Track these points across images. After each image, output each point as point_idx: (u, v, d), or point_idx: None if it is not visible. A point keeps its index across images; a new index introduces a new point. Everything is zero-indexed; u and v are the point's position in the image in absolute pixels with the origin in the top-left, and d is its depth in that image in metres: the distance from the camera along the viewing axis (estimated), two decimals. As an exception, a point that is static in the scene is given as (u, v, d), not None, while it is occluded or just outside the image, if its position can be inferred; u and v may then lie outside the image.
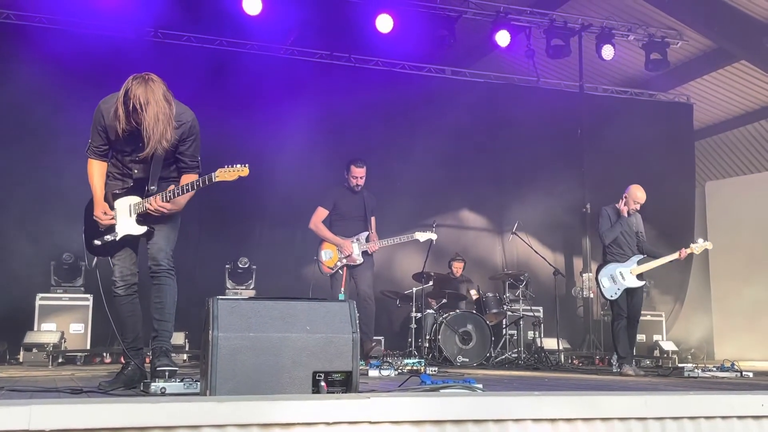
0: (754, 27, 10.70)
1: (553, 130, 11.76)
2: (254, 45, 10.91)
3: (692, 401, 2.91)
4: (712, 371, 6.95)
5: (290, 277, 9.97)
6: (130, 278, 4.46)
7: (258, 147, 10.08)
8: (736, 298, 12.27)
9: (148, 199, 4.27)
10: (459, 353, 8.97)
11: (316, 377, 3.15)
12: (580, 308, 11.65)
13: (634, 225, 7.77)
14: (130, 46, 9.83)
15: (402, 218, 9.92)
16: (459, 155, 11.27)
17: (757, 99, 12.73)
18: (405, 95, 11.09)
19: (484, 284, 10.56)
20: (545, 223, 11.26)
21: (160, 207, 4.25)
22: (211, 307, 3.16)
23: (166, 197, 4.24)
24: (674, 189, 12.47)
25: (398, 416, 2.55)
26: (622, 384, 5.49)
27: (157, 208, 4.25)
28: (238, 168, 4.22)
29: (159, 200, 4.23)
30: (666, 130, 12.43)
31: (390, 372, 5.96)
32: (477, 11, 11.17)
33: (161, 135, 4.02)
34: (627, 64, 12.66)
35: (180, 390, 3.62)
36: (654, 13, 11.40)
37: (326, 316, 3.27)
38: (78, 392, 3.75)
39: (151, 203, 4.24)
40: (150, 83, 4.02)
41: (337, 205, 7.84)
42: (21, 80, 9.42)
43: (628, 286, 7.57)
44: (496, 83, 12.19)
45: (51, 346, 8.10)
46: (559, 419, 2.72)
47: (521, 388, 4.53)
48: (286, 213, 10.20)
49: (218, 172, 4.20)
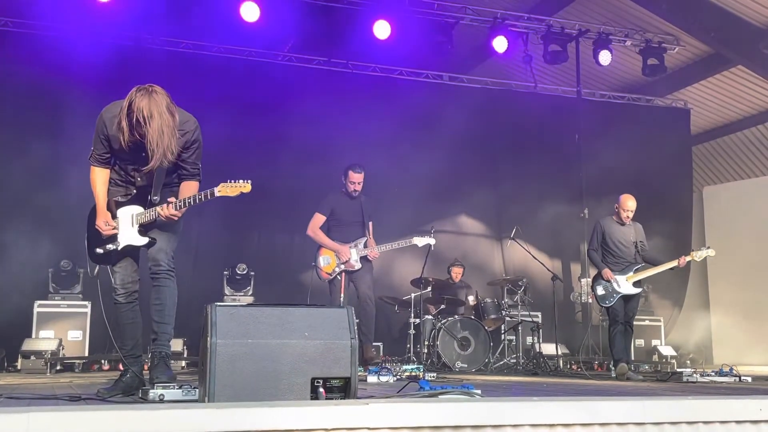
0: (750, 32, 10.72)
1: (551, 136, 11.78)
2: (252, 51, 10.92)
3: (690, 406, 2.92)
4: (710, 376, 6.94)
5: (288, 283, 9.97)
6: (131, 286, 4.46)
7: (256, 153, 10.11)
8: (735, 302, 12.28)
9: (162, 207, 4.25)
10: (457, 359, 8.96)
11: (315, 383, 3.15)
12: (578, 313, 11.65)
13: (632, 235, 7.86)
14: (129, 53, 9.85)
15: (400, 224, 9.93)
16: (457, 161, 11.27)
17: (754, 104, 12.75)
18: (403, 101, 11.10)
19: (482, 290, 10.56)
20: (543, 229, 11.27)
21: (171, 215, 4.24)
22: (210, 314, 3.16)
23: (177, 206, 4.24)
24: (672, 194, 12.49)
25: (397, 422, 2.56)
26: (621, 389, 5.49)
27: (168, 216, 4.24)
28: (240, 184, 4.22)
29: (172, 209, 4.23)
30: (663, 135, 12.44)
31: (388, 378, 5.95)
32: (474, 17, 11.19)
33: (166, 148, 4.02)
34: (624, 70, 12.68)
35: (178, 397, 3.61)
36: (651, 19, 11.42)
37: (324, 323, 3.27)
38: (76, 399, 3.74)
39: (163, 210, 4.23)
40: (154, 95, 4.01)
41: (334, 211, 7.85)
42: (19, 87, 9.45)
43: (624, 293, 7.68)
44: (493, 89, 12.20)
45: (49, 354, 8.09)
46: (557, 425, 2.72)
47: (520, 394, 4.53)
48: (285, 219, 10.21)
49: (220, 187, 4.20)
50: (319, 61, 11.30)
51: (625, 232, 7.85)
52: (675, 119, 13.03)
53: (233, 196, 4.25)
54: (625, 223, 7.84)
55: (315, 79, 11.04)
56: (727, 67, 11.85)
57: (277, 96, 10.40)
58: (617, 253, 7.82)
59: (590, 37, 11.58)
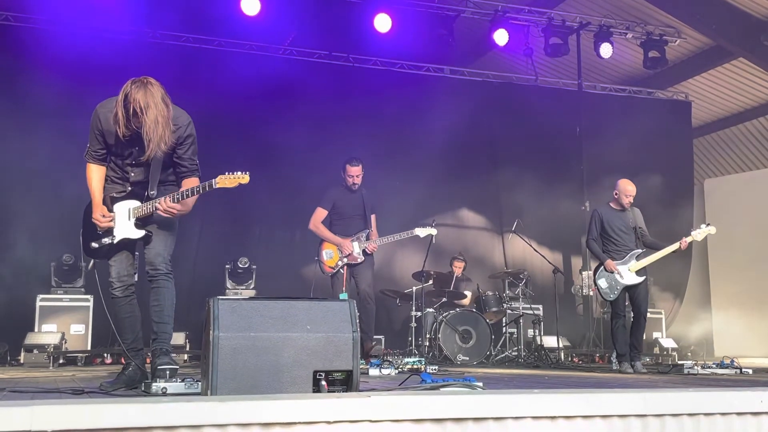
0: (751, 24, 10.71)
1: (552, 129, 11.76)
2: (252, 45, 10.90)
3: (691, 398, 2.93)
4: (711, 368, 6.95)
5: (290, 276, 9.98)
6: (127, 279, 4.46)
7: (256, 147, 10.10)
8: (736, 295, 12.29)
9: (158, 200, 4.26)
10: (459, 352, 8.98)
11: (317, 376, 3.16)
12: (579, 306, 11.67)
13: (631, 220, 7.66)
14: (128, 47, 9.84)
15: (401, 218, 9.90)
16: (457, 154, 11.27)
17: (756, 96, 12.74)
18: (403, 95, 11.09)
19: (483, 283, 10.56)
20: (544, 222, 11.27)
21: (169, 208, 4.24)
22: (212, 307, 3.17)
23: (174, 198, 4.24)
24: (673, 186, 12.48)
25: (399, 415, 2.56)
26: (622, 381, 5.50)
27: (166, 209, 4.25)
28: (238, 175, 4.23)
29: (169, 201, 4.24)
30: (664, 128, 12.42)
31: (390, 371, 5.97)
32: (475, 10, 11.18)
33: (160, 138, 4.05)
34: (625, 62, 12.67)
35: (181, 390, 3.63)
36: (652, 11, 11.41)
37: (326, 316, 3.28)
38: (79, 393, 3.75)
39: (160, 203, 4.24)
40: (149, 87, 4.05)
41: (336, 204, 7.84)
42: (19, 82, 9.44)
43: (627, 283, 7.51)
44: (494, 82, 12.19)
45: (52, 347, 8.10)
46: (558, 417, 2.73)
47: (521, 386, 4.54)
48: (286, 213, 10.21)
49: (219, 178, 4.21)
50: (319, 54, 11.28)
51: (625, 218, 7.64)
52: (676, 112, 13.01)
53: (232, 187, 4.26)
54: (626, 209, 7.64)
55: (316, 73, 11.02)
56: (728, 59, 11.84)
57: (278, 89, 10.39)
58: (618, 240, 7.60)
59: (591, 29, 11.56)
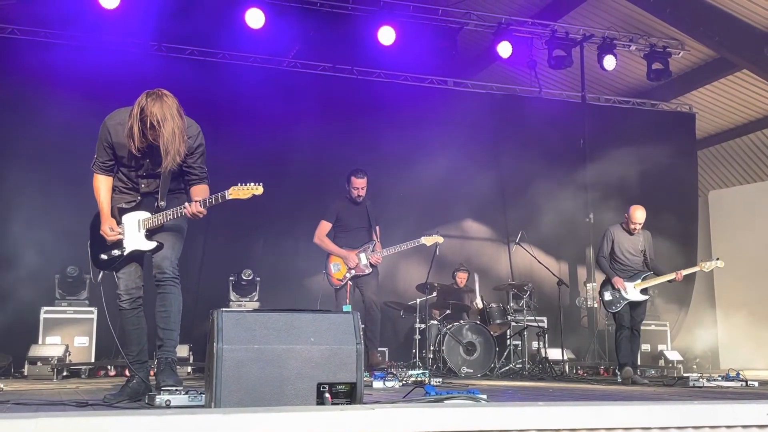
0: (755, 36, 10.72)
1: (556, 141, 11.77)
2: (257, 58, 10.95)
3: (697, 411, 2.91)
4: (717, 381, 6.93)
5: (294, 289, 9.98)
6: (135, 292, 4.45)
7: (261, 159, 10.12)
8: (741, 307, 12.23)
9: (187, 204, 4.25)
10: (463, 364, 8.96)
11: (321, 389, 3.15)
12: (584, 318, 11.63)
13: (640, 244, 7.91)
14: (133, 60, 9.91)
15: (405, 229, 9.90)
16: (461, 166, 11.28)
17: (760, 108, 12.74)
18: (407, 107, 11.11)
19: (488, 295, 10.55)
20: (549, 234, 11.26)
21: (198, 212, 4.25)
22: (216, 320, 3.17)
23: (204, 204, 4.24)
24: (677, 199, 12.48)
25: (403, 427, 2.56)
26: (627, 394, 5.48)
27: (194, 213, 4.25)
28: (252, 186, 4.22)
29: (199, 206, 4.23)
30: (668, 140, 12.42)
31: (394, 383, 5.95)
32: (479, 23, 11.22)
33: (177, 150, 4.08)
34: (629, 74, 12.69)
35: (185, 402, 3.62)
36: (655, 23, 11.43)
37: (330, 328, 3.27)
38: (83, 405, 3.75)
39: (189, 208, 4.23)
40: (165, 99, 4.07)
41: (340, 217, 7.85)
42: (24, 95, 9.48)
43: (631, 299, 7.77)
44: (498, 94, 12.21)
45: (55, 360, 8.11)
46: (563, 429, 2.72)
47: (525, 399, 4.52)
48: (290, 225, 10.21)
49: (231, 189, 4.19)
50: (324, 67, 11.32)
51: (634, 241, 7.92)
52: (680, 124, 13.02)
53: (245, 198, 4.23)
54: (634, 233, 7.90)
55: (320, 86, 11.07)
56: (732, 71, 11.84)
57: (283, 102, 10.42)
58: (625, 261, 7.91)
59: (595, 41, 11.59)
